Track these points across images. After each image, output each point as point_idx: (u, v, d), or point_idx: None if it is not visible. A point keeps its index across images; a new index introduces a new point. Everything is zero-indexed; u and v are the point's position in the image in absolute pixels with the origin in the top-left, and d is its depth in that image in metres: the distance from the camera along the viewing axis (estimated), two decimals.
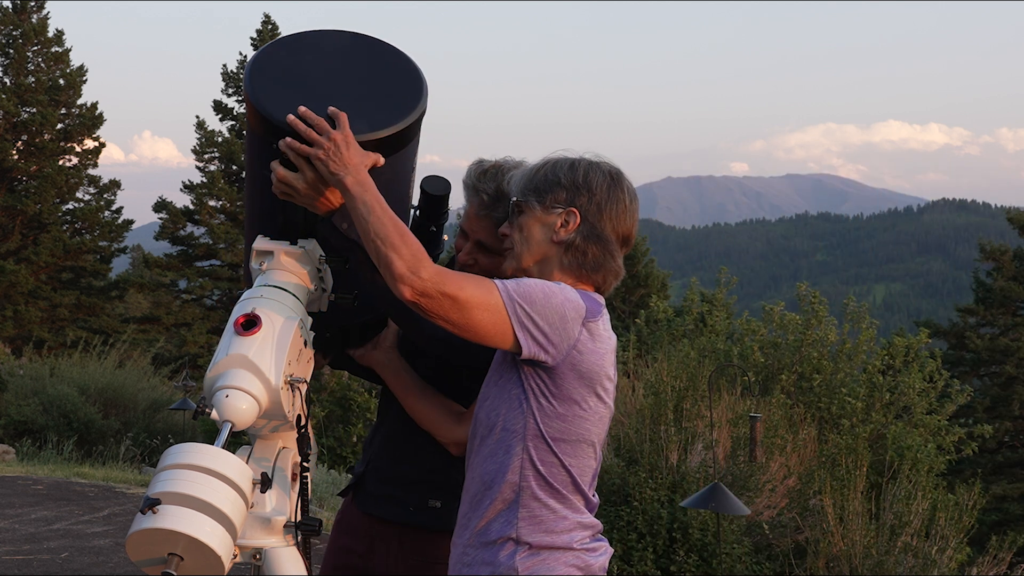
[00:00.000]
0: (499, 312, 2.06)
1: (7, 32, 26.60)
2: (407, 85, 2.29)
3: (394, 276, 2.03)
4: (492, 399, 2.20)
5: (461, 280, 2.05)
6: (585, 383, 2.13)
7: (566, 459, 2.14)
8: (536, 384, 2.13)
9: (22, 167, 26.21)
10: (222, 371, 2.10)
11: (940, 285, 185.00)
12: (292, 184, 2.17)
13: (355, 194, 2.08)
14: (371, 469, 2.66)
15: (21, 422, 13.01)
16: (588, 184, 2.22)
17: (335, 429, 13.19)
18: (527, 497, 2.13)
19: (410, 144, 2.30)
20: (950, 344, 23.77)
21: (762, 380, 10.79)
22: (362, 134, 2.17)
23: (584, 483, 2.18)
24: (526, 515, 2.13)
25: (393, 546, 2.58)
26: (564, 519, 2.14)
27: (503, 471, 2.15)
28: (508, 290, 2.08)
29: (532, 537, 2.12)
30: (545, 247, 2.24)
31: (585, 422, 2.15)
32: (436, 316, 2.05)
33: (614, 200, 2.23)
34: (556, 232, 2.22)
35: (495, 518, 2.15)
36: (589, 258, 2.22)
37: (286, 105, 2.18)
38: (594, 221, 2.22)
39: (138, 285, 27.15)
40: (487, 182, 2.51)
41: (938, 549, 7.01)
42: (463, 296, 2.04)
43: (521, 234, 2.26)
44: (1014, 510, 18.36)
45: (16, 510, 7.77)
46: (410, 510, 2.56)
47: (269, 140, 2.19)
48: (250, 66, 2.27)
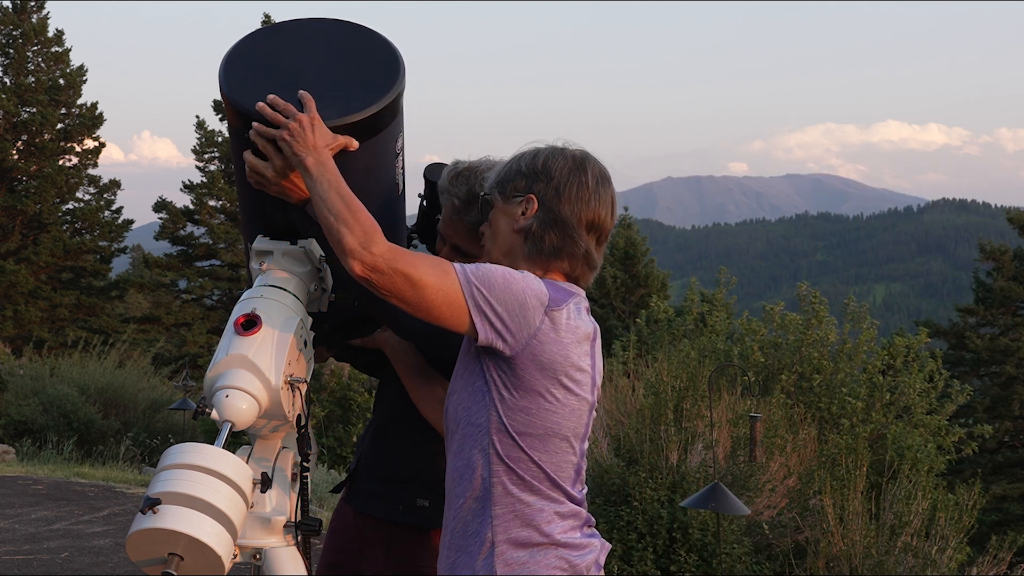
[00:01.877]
0: (455, 294, 2.00)
1: (7, 32, 26.59)
2: (382, 69, 2.27)
3: (345, 250, 1.99)
4: (458, 393, 2.15)
5: (415, 258, 2.01)
6: (548, 374, 2.05)
7: (534, 454, 2.07)
8: (497, 375, 2.07)
9: (22, 167, 26.20)
10: (222, 371, 2.10)
11: (940, 285, 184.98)
12: (262, 172, 2.16)
13: (314, 174, 2.06)
14: (362, 466, 2.66)
15: (21, 422, 13.01)
16: (547, 170, 2.17)
17: (335, 429, 13.19)
18: (499, 493, 2.07)
19: (388, 128, 2.27)
20: (950, 344, 23.77)
21: (762, 380, 10.79)
22: (332, 119, 2.15)
23: (563, 479, 2.10)
24: (500, 512, 2.07)
25: (381, 545, 2.58)
26: (541, 511, 2.07)
27: (472, 467, 2.09)
28: (467, 273, 2.03)
29: (509, 534, 2.05)
30: (510, 238, 2.19)
31: (552, 415, 2.07)
32: (389, 294, 2.00)
33: (574, 183, 2.16)
34: (516, 221, 2.18)
35: (470, 517, 2.09)
36: (546, 244, 2.15)
37: (258, 95, 2.17)
38: (551, 205, 2.15)
39: (138, 285, 27.15)
40: (459, 185, 2.47)
41: (938, 549, 7.01)
42: (416, 274, 1.98)
43: (490, 229, 2.23)
44: (1014, 510, 18.36)
45: (16, 510, 7.77)
46: (399, 509, 2.54)
47: (244, 132, 2.18)
48: (224, 59, 2.27)
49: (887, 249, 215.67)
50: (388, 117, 2.25)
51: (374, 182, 2.14)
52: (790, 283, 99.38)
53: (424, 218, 2.61)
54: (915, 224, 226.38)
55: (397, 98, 2.25)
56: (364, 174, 2.14)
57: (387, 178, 2.38)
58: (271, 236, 2.34)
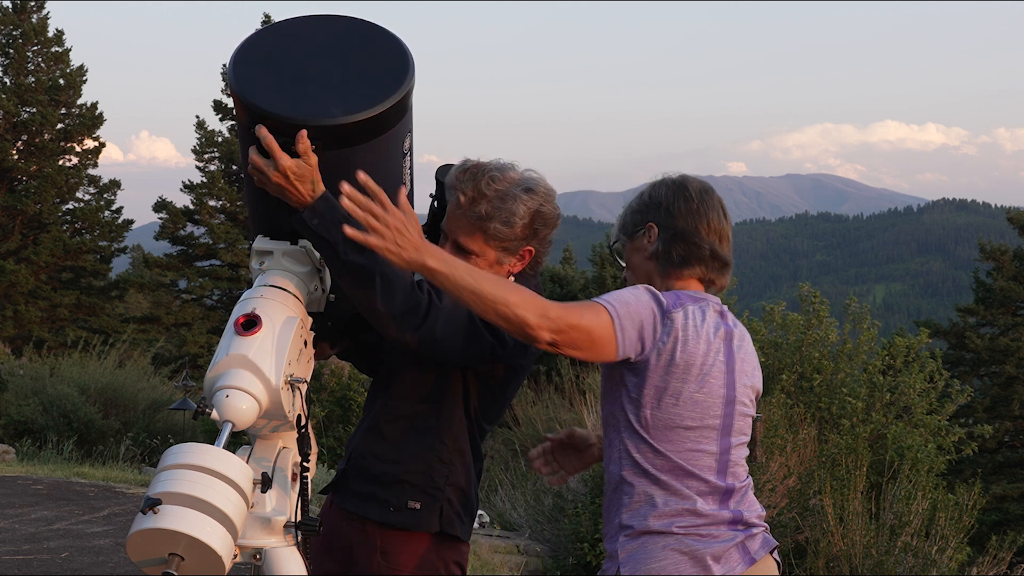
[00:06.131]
0: (608, 327, 2.18)
1: (7, 32, 26.58)
2: (390, 67, 2.26)
3: (532, 328, 2.10)
4: (603, 396, 2.37)
5: (572, 308, 2.15)
6: (672, 373, 2.23)
7: (661, 446, 2.24)
8: (626, 377, 2.26)
9: (22, 167, 26.18)
10: (222, 371, 2.10)
11: (940, 285, 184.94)
12: (264, 171, 2.17)
13: (445, 272, 2.09)
14: (352, 467, 2.61)
15: (21, 422, 13.00)
16: (655, 199, 2.42)
17: (335, 429, 13.19)
18: (627, 485, 2.26)
19: (396, 127, 2.27)
20: (950, 344, 23.76)
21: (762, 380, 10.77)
22: (338, 117, 2.15)
23: (696, 467, 2.25)
24: (628, 502, 2.26)
25: (373, 548, 2.53)
26: (665, 505, 2.23)
27: (610, 463, 2.32)
28: (610, 303, 2.20)
29: (633, 521, 2.24)
30: (644, 265, 2.42)
31: (675, 408, 2.24)
32: (568, 350, 2.15)
33: (680, 199, 2.40)
34: (645, 249, 2.41)
35: (611, 508, 2.31)
36: (675, 257, 2.37)
37: (268, 92, 2.16)
38: (668, 224, 2.39)
39: (138, 285, 27.15)
40: (466, 182, 2.49)
41: (938, 549, 7.01)
42: (584, 323, 2.15)
43: (628, 269, 2.46)
44: (1014, 510, 18.35)
45: (16, 510, 7.76)
46: (390, 510, 2.51)
47: (253, 129, 2.17)
48: (233, 56, 2.26)
49: (887, 249, 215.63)
50: (396, 116, 2.24)
51: (380, 182, 2.14)
52: (790, 283, 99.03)
53: (433, 218, 2.61)
54: (915, 224, 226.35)
55: (405, 97, 2.24)
56: (371, 171, 2.13)
57: (393, 179, 2.37)
58: (272, 236, 2.34)
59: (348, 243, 2.19)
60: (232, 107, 26.16)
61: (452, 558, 2.54)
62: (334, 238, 2.20)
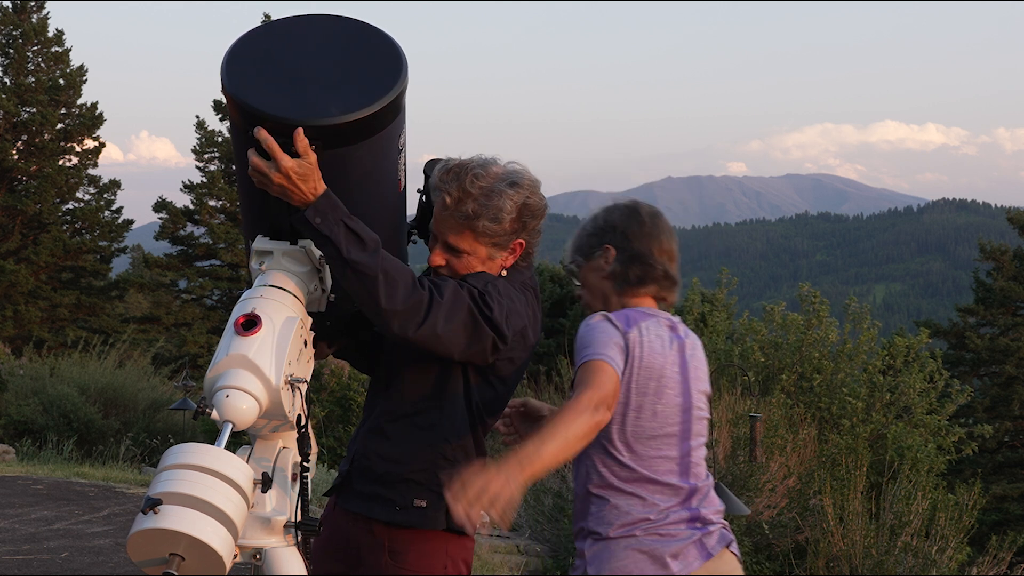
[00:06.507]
0: (615, 377, 2.36)
1: (7, 32, 26.57)
2: (384, 66, 2.27)
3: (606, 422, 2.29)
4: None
5: (596, 382, 2.30)
6: (632, 389, 2.40)
7: (626, 459, 2.41)
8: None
9: (22, 167, 26.17)
10: (222, 371, 2.10)
11: (940, 285, 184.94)
12: (265, 173, 2.17)
13: (542, 468, 2.17)
14: (356, 468, 2.60)
15: (21, 422, 12.99)
16: (610, 223, 2.58)
17: (335, 429, 13.18)
18: (595, 497, 2.44)
19: (391, 125, 2.27)
20: (950, 344, 23.75)
21: (762, 380, 10.78)
22: (334, 117, 2.14)
23: (660, 473, 2.41)
24: (595, 511, 2.43)
25: (380, 548, 2.52)
26: (627, 513, 2.39)
27: (577, 477, 2.49)
28: (606, 356, 2.36)
29: (599, 527, 2.41)
30: (601, 285, 2.58)
31: (638, 420, 2.41)
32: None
33: (634, 223, 2.57)
34: (602, 269, 2.56)
35: (579, 515, 2.48)
36: (631, 276, 2.54)
37: (261, 91, 2.16)
38: (624, 246, 2.55)
39: (138, 285, 27.14)
40: (449, 182, 2.49)
41: (938, 549, 7.01)
42: (611, 387, 2.32)
43: (584, 288, 2.62)
44: (1014, 510, 18.34)
45: (16, 510, 7.76)
46: (396, 509, 2.50)
47: (247, 129, 2.17)
48: (226, 56, 2.26)
49: (887, 249, 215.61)
50: (390, 114, 2.24)
51: (376, 181, 2.14)
52: (790, 283, 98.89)
53: (423, 213, 2.61)
54: (915, 224, 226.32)
55: (399, 95, 2.24)
56: (366, 173, 2.13)
57: (389, 176, 2.37)
58: (272, 236, 2.34)
59: (351, 241, 2.20)
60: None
61: (460, 555, 2.54)
62: (337, 236, 2.20)
